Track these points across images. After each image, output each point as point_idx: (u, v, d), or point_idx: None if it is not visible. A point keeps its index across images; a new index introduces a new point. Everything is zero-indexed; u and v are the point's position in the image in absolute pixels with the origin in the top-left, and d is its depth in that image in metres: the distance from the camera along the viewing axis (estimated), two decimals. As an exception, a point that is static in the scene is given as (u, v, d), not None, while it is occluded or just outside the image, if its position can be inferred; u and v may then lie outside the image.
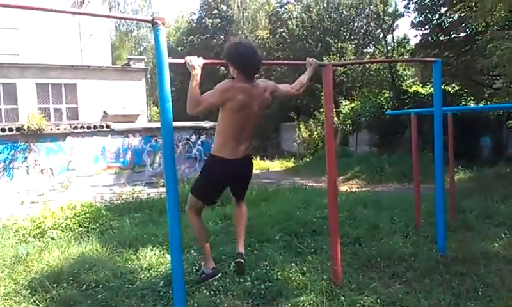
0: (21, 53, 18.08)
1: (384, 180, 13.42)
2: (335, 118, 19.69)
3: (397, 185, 12.52)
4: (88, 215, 6.55)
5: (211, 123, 17.61)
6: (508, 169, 11.70)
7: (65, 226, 6.09)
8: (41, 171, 13.84)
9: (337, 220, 3.88)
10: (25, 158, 13.60)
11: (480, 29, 13.43)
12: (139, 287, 3.73)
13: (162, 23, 2.77)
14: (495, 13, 9.17)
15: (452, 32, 15.81)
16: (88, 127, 14.57)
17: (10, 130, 13.21)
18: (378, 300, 3.34)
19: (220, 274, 3.39)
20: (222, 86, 3.09)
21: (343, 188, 11.99)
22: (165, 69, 2.82)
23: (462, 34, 15.47)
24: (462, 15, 14.49)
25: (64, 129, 14.17)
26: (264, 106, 3.30)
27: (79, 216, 6.42)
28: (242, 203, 3.56)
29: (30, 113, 13.88)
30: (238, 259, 3.30)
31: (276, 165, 20.67)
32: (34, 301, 3.52)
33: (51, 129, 13.92)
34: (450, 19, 15.88)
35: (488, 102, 14.54)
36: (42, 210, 6.80)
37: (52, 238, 5.59)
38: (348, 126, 20.15)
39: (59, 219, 6.22)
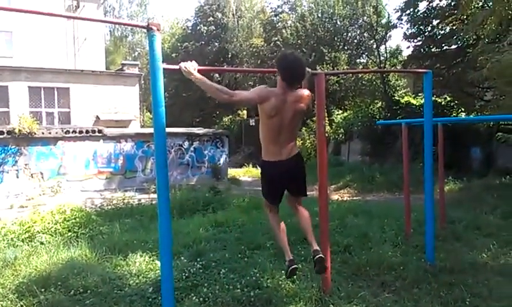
0: (14, 56, 18.01)
1: (375, 189, 13.48)
2: (328, 127, 19.81)
3: (388, 194, 12.59)
4: (77, 220, 6.51)
5: (204, 130, 17.64)
6: (497, 181, 11.82)
7: (54, 231, 6.06)
8: (32, 175, 13.71)
9: (327, 228, 3.90)
10: (16, 161, 13.47)
11: (471, 41, 13.62)
12: (127, 293, 3.71)
13: (157, 29, 2.79)
14: (486, 26, 9.31)
15: (443, 44, 16.02)
16: (80, 132, 14.48)
17: (1, 133, 13.09)
18: (367, 309, 3.35)
19: (294, 266, 3.34)
20: (260, 88, 3.40)
21: (334, 197, 12.04)
22: (159, 74, 2.83)
23: (453, 47, 15.68)
24: (454, 27, 14.70)
25: (56, 133, 14.07)
26: (299, 113, 3.42)
27: (68, 221, 6.39)
28: (300, 207, 3.62)
29: (21, 116, 13.76)
30: (317, 256, 3.28)
31: (269, 173, 20.65)
32: (22, 306, 3.49)
33: (42, 133, 13.82)
34: (442, 31, 16.09)
35: (479, 114, 14.70)
36: (31, 214, 6.74)
37: (41, 243, 5.55)
38: (340, 135, 20.26)
39: (48, 223, 6.18)
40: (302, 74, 3.44)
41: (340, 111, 21.69)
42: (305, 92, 3.48)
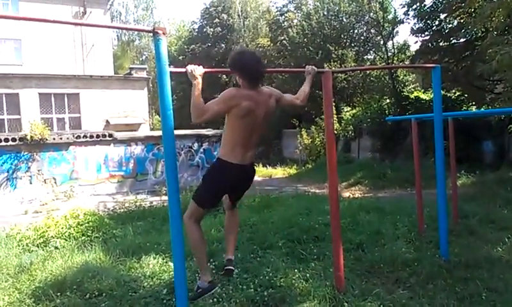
0: (24, 63, 18.25)
1: (387, 186, 13.40)
2: (337, 124, 19.73)
3: (400, 190, 12.50)
4: (91, 224, 6.56)
5: (213, 131, 17.67)
6: (511, 174, 11.67)
7: (68, 235, 6.11)
8: (45, 180, 13.88)
9: (339, 226, 3.89)
10: (29, 168, 13.66)
11: (479, 34, 13.46)
12: (142, 295, 3.73)
13: (163, 33, 2.81)
14: (494, 18, 9.18)
15: (451, 38, 15.83)
16: (91, 136, 14.63)
17: (13, 140, 13.28)
18: (381, 306, 3.33)
19: (217, 288, 3.27)
20: (227, 94, 3.11)
21: (345, 194, 11.98)
22: (166, 78, 2.85)
23: (462, 40, 15.48)
24: (461, 20, 14.51)
25: (67, 138, 14.23)
26: (270, 112, 3.30)
27: (82, 225, 6.44)
28: (236, 209, 3.60)
29: (33, 123, 13.94)
30: (227, 267, 3.35)
31: (279, 172, 20.66)
32: (38, 310, 3.54)
33: (54, 139, 13.98)
34: (450, 25, 15.91)
35: (490, 107, 14.51)
36: (45, 219, 6.81)
37: (56, 247, 5.61)
38: (350, 132, 20.16)
39: (62, 228, 6.24)
40: (264, 70, 3.37)
41: (349, 108, 21.57)
42: (273, 90, 3.42)
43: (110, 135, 14.97)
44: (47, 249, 5.58)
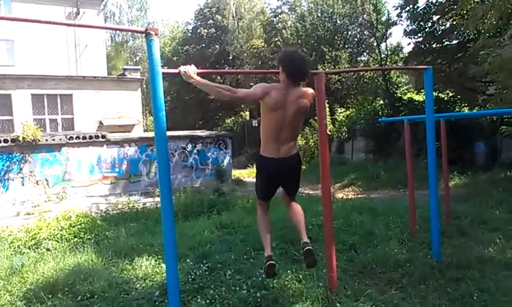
0: (16, 64, 18.12)
1: (380, 187, 13.45)
2: (331, 126, 19.78)
3: (393, 191, 12.55)
4: (83, 225, 6.53)
5: (207, 132, 17.67)
6: (502, 175, 11.76)
7: (60, 237, 6.07)
8: (37, 182, 13.78)
9: (332, 227, 3.90)
10: (21, 169, 13.55)
11: (472, 36, 13.55)
12: (134, 297, 3.72)
13: (155, 34, 2.80)
14: (486, 20, 9.25)
15: (444, 40, 15.94)
16: (84, 137, 14.54)
17: (5, 141, 13.17)
18: (374, 307, 3.35)
19: (271, 262, 3.28)
20: (260, 84, 3.37)
21: (339, 195, 12.01)
22: (158, 78, 2.84)
23: (454, 42, 15.59)
24: (454, 22, 14.62)
25: (60, 140, 14.14)
26: (302, 111, 3.41)
27: (74, 227, 6.40)
28: (293, 202, 3.63)
29: (25, 124, 13.84)
30: (306, 248, 3.23)
31: (273, 173, 20.65)
32: (29, 312, 3.51)
33: (46, 140, 13.88)
34: (443, 27, 16.01)
35: (482, 108, 14.64)
36: (37, 221, 6.76)
37: (48, 249, 5.57)
38: (344, 133, 20.23)
39: (54, 229, 6.20)
40: (307, 73, 3.49)
41: (343, 109, 21.65)
42: (309, 90, 3.50)
43: (103, 137, 14.89)
44: (38, 251, 5.55)
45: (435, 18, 15.96)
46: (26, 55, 18.10)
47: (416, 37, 16.85)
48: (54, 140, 14.04)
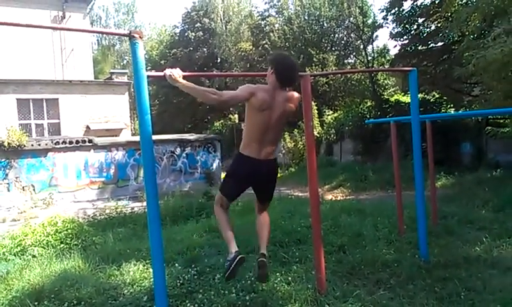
0: (1, 68, 17.82)
1: (368, 188, 13.54)
2: (319, 128, 19.88)
3: (381, 192, 12.65)
4: (69, 231, 6.45)
5: (196, 136, 17.59)
6: (488, 174, 11.93)
7: (46, 243, 5.99)
8: (23, 187, 13.58)
9: (320, 228, 3.91)
10: (6, 175, 13.34)
11: (456, 38, 13.76)
12: (122, 303, 3.68)
13: (140, 37, 2.78)
14: (470, 22, 9.41)
15: (429, 42, 16.16)
16: (70, 142, 14.37)
17: (-10, 146, 12.96)
18: (362, 307, 3.36)
19: (243, 256, 3.22)
20: (246, 85, 3.34)
21: (328, 197, 12.06)
22: (143, 82, 2.82)
23: (439, 44, 15.82)
24: (439, 25, 14.85)
25: (46, 145, 13.96)
26: (287, 114, 3.42)
27: (60, 232, 6.33)
28: (265, 212, 3.59)
29: (10, 129, 13.63)
30: (261, 259, 3.21)
31: (262, 176, 20.65)
32: (14, 321, 3.45)
33: (32, 145, 13.70)
34: (428, 29, 16.25)
35: (467, 109, 14.85)
36: (23, 227, 6.66)
37: (33, 256, 5.50)
38: (332, 135, 20.33)
39: (40, 236, 6.12)
40: (296, 79, 3.54)
41: (331, 112, 21.78)
42: (295, 94, 3.50)
43: (90, 141, 14.74)
44: (24, 257, 5.47)
45: (420, 20, 16.18)
46: (11, 59, 17.81)
47: (402, 39, 17.06)
48: (39, 145, 13.86)
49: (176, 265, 4.54)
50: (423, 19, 15.88)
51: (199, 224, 7.00)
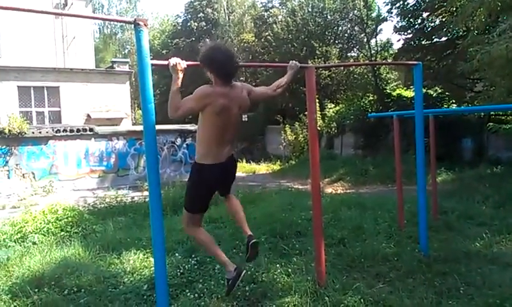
0: (2, 55, 17.76)
1: (369, 182, 13.55)
2: (321, 121, 19.83)
3: (381, 186, 12.65)
4: (70, 219, 6.46)
5: (196, 126, 17.52)
6: (489, 170, 11.93)
7: (47, 231, 6.00)
8: (23, 175, 13.60)
9: (321, 221, 3.90)
10: (6, 162, 13.35)
11: (461, 33, 13.68)
12: (122, 291, 3.69)
13: (144, 25, 2.75)
14: (475, 17, 9.33)
15: (433, 37, 16.08)
16: (71, 130, 14.37)
17: (-9, 133, 12.96)
18: (362, 300, 3.36)
19: (244, 271, 3.16)
20: (201, 91, 3.04)
21: (328, 190, 12.07)
22: (147, 71, 2.80)
23: (443, 39, 15.74)
24: (443, 19, 14.74)
25: (47, 132, 13.95)
26: (244, 107, 3.25)
27: (60, 220, 6.33)
28: (230, 196, 3.44)
29: (11, 116, 13.61)
30: (250, 242, 3.10)
31: (262, 168, 20.69)
32: (15, 306, 3.46)
33: (33, 132, 13.69)
34: (432, 24, 16.15)
35: (469, 105, 14.81)
36: (23, 214, 6.67)
37: (34, 243, 5.50)
38: (333, 129, 20.30)
39: (40, 223, 6.12)
40: (237, 67, 3.27)
41: (333, 105, 21.72)
42: (244, 85, 3.35)
43: (91, 130, 14.73)
44: (24, 244, 5.47)
45: (425, 15, 16.08)
46: (12, 46, 17.74)
47: (406, 33, 16.98)
48: (40, 133, 13.85)
49: (177, 254, 4.55)
50: (427, 13, 15.78)
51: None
